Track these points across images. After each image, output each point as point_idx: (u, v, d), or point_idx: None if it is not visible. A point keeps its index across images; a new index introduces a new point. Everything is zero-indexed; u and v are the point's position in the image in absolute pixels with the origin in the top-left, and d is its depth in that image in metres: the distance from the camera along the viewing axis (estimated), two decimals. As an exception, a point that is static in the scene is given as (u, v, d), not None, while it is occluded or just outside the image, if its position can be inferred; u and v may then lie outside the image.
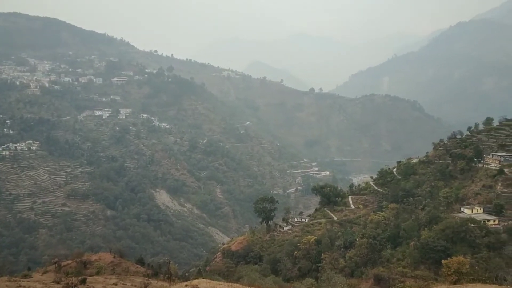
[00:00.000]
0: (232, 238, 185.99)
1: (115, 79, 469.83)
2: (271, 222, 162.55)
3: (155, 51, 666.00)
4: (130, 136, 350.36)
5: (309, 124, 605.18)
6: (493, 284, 48.32)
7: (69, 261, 76.89)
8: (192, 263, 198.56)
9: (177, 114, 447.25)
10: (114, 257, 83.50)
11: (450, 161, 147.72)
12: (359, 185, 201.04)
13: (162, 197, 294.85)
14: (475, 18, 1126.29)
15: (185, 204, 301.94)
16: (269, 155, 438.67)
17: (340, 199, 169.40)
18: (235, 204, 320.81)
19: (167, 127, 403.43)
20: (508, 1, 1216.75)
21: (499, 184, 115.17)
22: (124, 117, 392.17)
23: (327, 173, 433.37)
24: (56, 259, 75.65)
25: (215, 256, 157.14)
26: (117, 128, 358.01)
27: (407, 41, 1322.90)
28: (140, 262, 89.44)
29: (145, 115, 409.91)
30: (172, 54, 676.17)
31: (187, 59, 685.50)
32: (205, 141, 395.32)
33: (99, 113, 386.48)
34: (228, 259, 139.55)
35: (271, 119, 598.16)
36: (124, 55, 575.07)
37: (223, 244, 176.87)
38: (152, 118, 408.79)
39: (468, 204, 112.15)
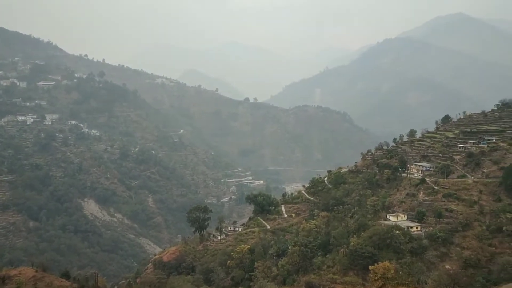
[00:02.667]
0: (164, 249, 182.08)
1: (41, 83, 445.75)
2: (204, 232, 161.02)
3: (85, 55, 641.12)
4: (57, 143, 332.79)
5: (243, 133, 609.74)
6: (415, 287, 50.79)
7: (-15, 277, 71.40)
8: (122, 275, 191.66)
9: (108, 121, 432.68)
10: (36, 271, 78.82)
11: (377, 171, 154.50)
12: (292, 194, 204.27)
13: (91, 207, 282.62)
14: (400, 35, 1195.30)
15: (115, 214, 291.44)
16: (203, 164, 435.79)
17: (273, 207, 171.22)
18: (167, 214, 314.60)
19: (97, 134, 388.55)
20: (430, 21, 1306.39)
21: (421, 192, 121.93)
22: (50, 123, 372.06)
23: (261, 182, 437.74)
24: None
25: (146, 268, 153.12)
26: (42, 134, 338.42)
27: (339, 55, 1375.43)
28: (66, 275, 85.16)
29: (73, 122, 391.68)
30: (103, 59, 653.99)
31: (119, 64, 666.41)
32: (137, 149, 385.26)
33: (23, 118, 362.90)
34: (160, 270, 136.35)
35: (205, 128, 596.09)
36: (51, 59, 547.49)
37: (155, 255, 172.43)
38: (81, 125, 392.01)
39: (394, 211, 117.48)
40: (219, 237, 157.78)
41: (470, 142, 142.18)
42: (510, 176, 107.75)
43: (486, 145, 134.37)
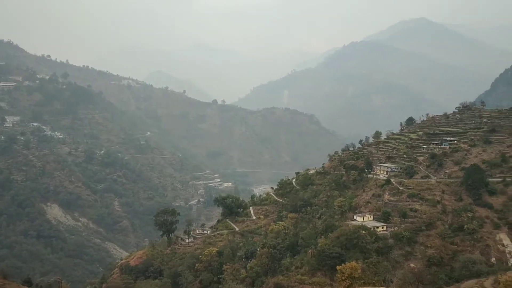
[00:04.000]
0: (131, 253, 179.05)
1: (1, 84, 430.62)
2: (172, 235, 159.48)
3: (48, 55, 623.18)
4: (18, 146, 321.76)
5: (211, 135, 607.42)
6: (381, 286, 51.71)
7: None
8: (87, 281, 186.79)
9: (72, 123, 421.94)
10: (-4, 279, 75.93)
11: (344, 172, 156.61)
12: (260, 195, 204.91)
13: (54, 212, 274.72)
14: (365, 39, 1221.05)
15: (80, 219, 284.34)
16: (170, 167, 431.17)
17: (242, 210, 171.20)
18: (134, 217, 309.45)
19: (61, 136, 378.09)
20: (393, 26, 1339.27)
21: (387, 193, 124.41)
22: (11, 125, 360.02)
23: (229, 184, 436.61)
24: None
25: (112, 273, 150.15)
26: (2, 137, 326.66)
27: (306, 58, 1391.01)
28: (28, 282, 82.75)
29: (35, 124, 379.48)
30: (67, 60, 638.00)
31: (84, 65, 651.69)
32: (102, 152, 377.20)
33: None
34: (127, 275, 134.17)
35: (173, 130, 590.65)
36: (12, 59, 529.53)
37: (121, 260, 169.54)
38: (44, 127, 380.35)
39: (360, 212, 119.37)
40: (187, 240, 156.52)
41: (433, 144, 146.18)
42: (471, 176, 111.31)
43: (448, 146, 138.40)
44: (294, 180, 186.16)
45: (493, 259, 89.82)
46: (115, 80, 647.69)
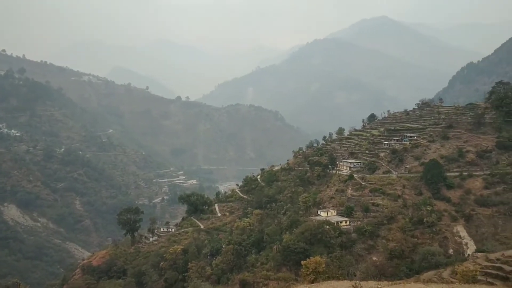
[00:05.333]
0: (93, 253, 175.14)
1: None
2: (136, 234, 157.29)
3: (3, 50, 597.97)
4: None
5: (175, 132, 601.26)
6: (345, 280, 52.49)
7: None
8: (47, 283, 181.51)
9: (30, 121, 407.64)
10: (-51, 283, 72.59)
11: (308, 168, 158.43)
12: (225, 192, 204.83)
13: (11, 212, 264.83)
14: (328, 36, 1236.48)
15: (39, 219, 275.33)
16: (134, 164, 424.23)
17: (207, 207, 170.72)
18: (96, 217, 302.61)
19: (18, 134, 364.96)
20: (356, 24, 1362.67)
21: (350, 188, 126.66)
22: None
23: (194, 181, 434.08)
24: None
25: (73, 273, 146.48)
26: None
27: (270, 55, 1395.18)
28: (-17, 287, 79.23)
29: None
30: (24, 55, 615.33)
31: (42, 61, 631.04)
32: (62, 149, 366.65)
33: None
34: (89, 276, 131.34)
35: (136, 127, 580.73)
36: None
37: (83, 260, 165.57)
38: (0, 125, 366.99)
39: (324, 207, 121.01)
40: (151, 239, 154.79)
41: (394, 139, 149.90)
42: (430, 171, 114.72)
43: (408, 142, 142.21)
44: (259, 177, 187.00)
45: (450, 251, 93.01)
46: (75, 76, 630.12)
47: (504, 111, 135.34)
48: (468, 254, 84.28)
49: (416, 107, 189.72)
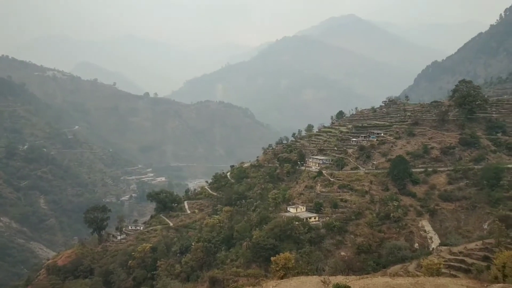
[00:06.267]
0: (59, 252, 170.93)
1: None
2: (103, 232, 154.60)
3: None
4: None
5: (144, 129, 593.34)
6: (314, 275, 53.03)
7: None
8: (11, 284, 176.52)
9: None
10: None
11: (278, 165, 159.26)
12: (194, 190, 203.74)
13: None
14: (298, 34, 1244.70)
15: (1, 218, 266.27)
16: (101, 162, 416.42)
17: (176, 204, 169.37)
18: (62, 215, 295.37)
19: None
20: (325, 22, 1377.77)
21: (319, 184, 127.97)
22: None
23: (163, 179, 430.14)
24: None
25: (38, 274, 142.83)
26: None
27: (239, 52, 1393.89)
28: None
29: None
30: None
31: (3, 55, 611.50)
32: (26, 147, 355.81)
33: None
34: (54, 276, 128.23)
35: (103, 124, 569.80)
36: None
37: (48, 260, 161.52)
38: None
39: (293, 203, 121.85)
40: (119, 237, 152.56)
41: (362, 136, 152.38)
42: (396, 167, 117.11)
43: (375, 139, 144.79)
44: (229, 174, 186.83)
45: (416, 245, 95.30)
46: (39, 71, 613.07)
47: (466, 108, 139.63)
48: (433, 248, 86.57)
49: (383, 104, 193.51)
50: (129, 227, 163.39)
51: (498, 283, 38.07)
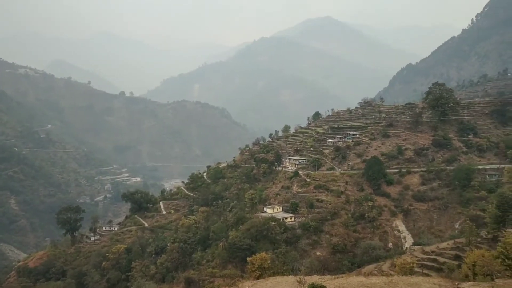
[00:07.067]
0: (30, 254, 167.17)
1: None
2: (76, 233, 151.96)
3: None
4: None
5: (119, 128, 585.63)
6: (290, 275, 53.26)
7: None
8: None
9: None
10: None
11: (254, 165, 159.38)
12: (170, 190, 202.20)
13: None
14: (275, 35, 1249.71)
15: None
16: (74, 161, 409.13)
17: (151, 205, 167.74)
18: (33, 216, 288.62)
19: None
20: (301, 23, 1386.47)
21: (295, 184, 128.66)
22: None
23: (138, 179, 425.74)
24: None
25: (8, 276, 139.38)
26: None
27: (217, 51, 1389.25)
28: None
29: None
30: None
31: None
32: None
33: None
34: (25, 278, 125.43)
35: (77, 123, 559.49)
36: None
37: (19, 262, 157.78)
38: None
39: (270, 204, 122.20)
40: (93, 238, 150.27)
41: (338, 137, 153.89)
42: (371, 168, 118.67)
43: (351, 140, 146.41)
44: (205, 174, 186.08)
45: (390, 244, 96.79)
46: (10, 68, 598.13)
47: (439, 110, 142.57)
48: (406, 247, 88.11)
49: (359, 106, 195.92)
50: (103, 228, 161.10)
51: (469, 281, 38.96)
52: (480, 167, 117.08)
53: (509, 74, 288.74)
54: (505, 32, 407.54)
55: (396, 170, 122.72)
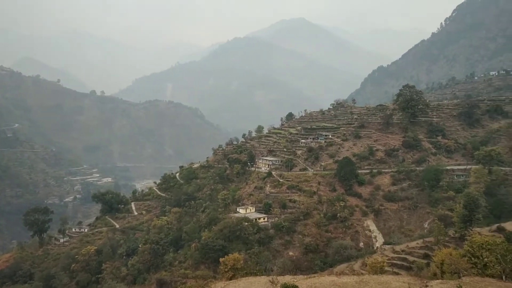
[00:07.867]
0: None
1: None
2: (44, 235, 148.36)
3: None
4: None
5: (90, 128, 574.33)
6: (262, 275, 53.36)
7: None
8: None
9: None
10: None
11: (228, 165, 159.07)
12: (142, 191, 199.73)
13: None
14: (248, 35, 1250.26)
15: None
16: (43, 162, 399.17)
17: (123, 206, 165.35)
18: None
19: None
20: (275, 24, 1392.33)
21: (268, 185, 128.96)
22: None
23: (109, 179, 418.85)
24: None
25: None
26: None
27: (190, 51, 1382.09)
28: None
29: None
30: None
31: None
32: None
33: None
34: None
35: (46, 122, 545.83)
36: None
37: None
38: None
39: (243, 204, 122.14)
40: (62, 240, 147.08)
41: (310, 138, 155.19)
42: (343, 168, 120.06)
43: (323, 141, 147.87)
44: (178, 174, 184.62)
45: (361, 244, 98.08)
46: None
47: (409, 112, 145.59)
48: (377, 247, 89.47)
49: (331, 107, 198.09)
50: (73, 229, 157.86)
51: (437, 280, 39.83)
52: (448, 167, 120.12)
53: (476, 78, 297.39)
54: (472, 36, 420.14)
55: (368, 171, 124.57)
